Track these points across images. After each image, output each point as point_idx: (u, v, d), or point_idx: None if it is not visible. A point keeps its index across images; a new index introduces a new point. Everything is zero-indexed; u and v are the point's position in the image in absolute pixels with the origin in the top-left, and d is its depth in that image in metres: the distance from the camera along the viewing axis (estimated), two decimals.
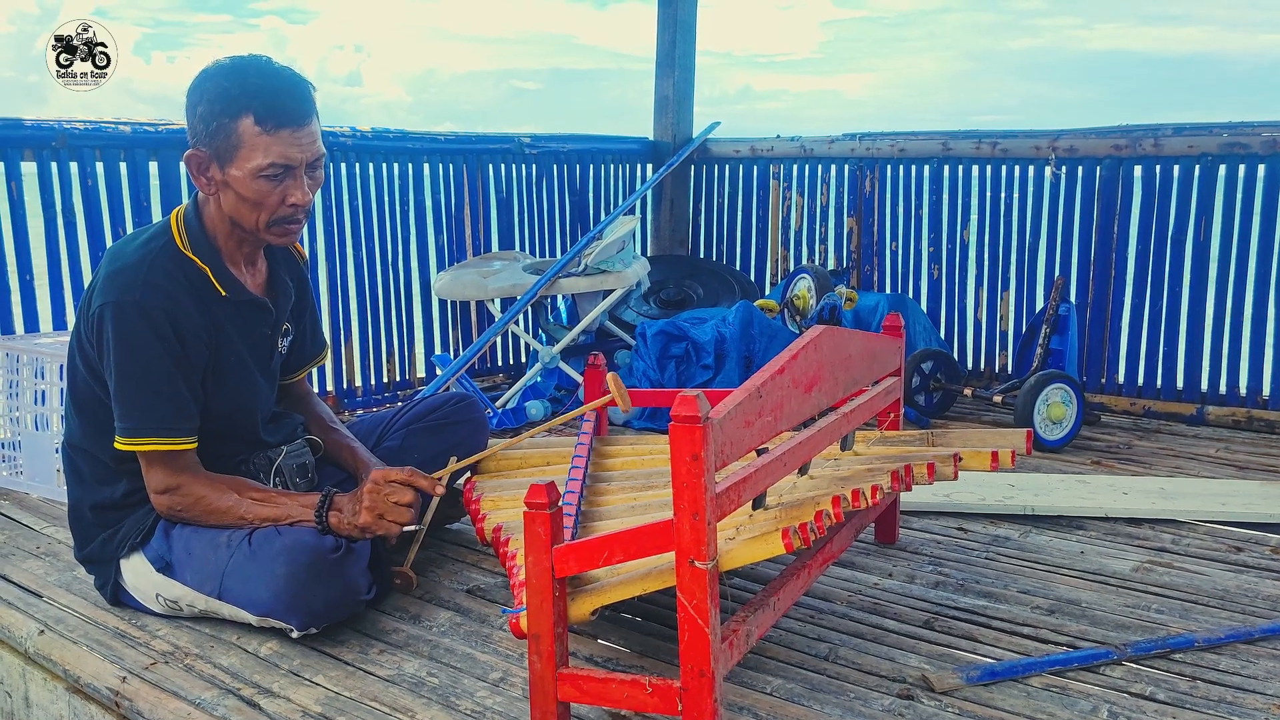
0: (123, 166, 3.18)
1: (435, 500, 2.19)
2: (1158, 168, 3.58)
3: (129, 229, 3.16)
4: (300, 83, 1.87)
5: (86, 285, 1.98)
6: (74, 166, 3.09)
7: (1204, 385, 3.59)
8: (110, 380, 1.86)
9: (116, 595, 2.03)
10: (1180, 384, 3.62)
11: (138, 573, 1.97)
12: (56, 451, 2.66)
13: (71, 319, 3.05)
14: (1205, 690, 1.70)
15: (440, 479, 1.96)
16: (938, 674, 1.73)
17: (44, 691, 1.93)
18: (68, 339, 2.35)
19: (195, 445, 1.90)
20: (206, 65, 1.87)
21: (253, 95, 1.81)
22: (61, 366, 2.57)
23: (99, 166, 3.15)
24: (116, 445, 1.87)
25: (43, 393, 2.74)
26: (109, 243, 3.10)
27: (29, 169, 3.01)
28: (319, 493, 1.93)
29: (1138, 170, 3.61)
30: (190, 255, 1.91)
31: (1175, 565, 2.27)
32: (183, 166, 3.22)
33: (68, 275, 3.11)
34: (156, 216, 3.19)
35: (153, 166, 3.24)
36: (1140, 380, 3.69)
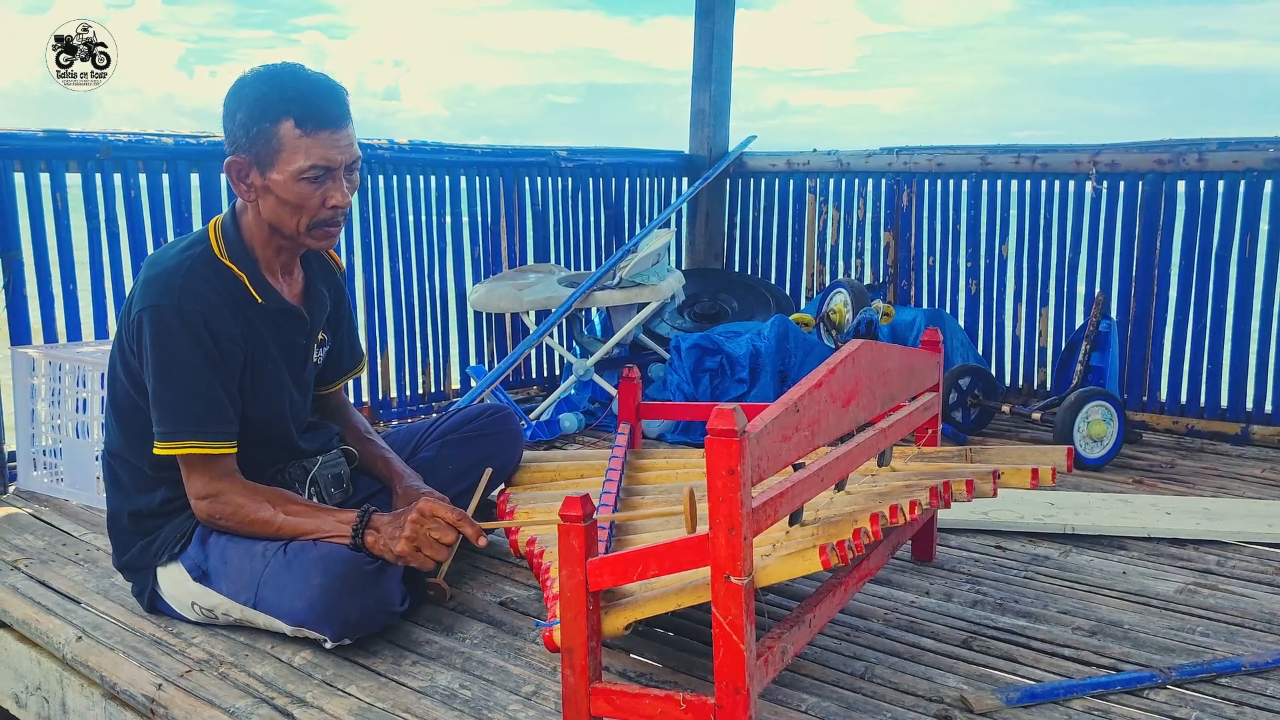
0: (165, 178, 3.22)
1: (471, 508, 2.19)
2: (1202, 183, 3.53)
3: (170, 240, 3.19)
4: (335, 86, 1.89)
5: (127, 295, 2.00)
6: (117, 178, 3.13)
7: (1249, 404, 3.52)
8: (148, 384, 1.88)
9: (153, 603, 2.04)
10: (1224, 402, 3.55)
11: (174, 581, 1.98)
12: (96, 459, 2.70)
13: (113, 328, 3.10)
14: (1253, 716, 1.66)
15: (486, 530, 1.93)
16: (976, 695, 1.70)
17: (80, 697, 1.94)
18: (109, 348, 2.37)
19: (234, 451, 1.91)
20: (242, 74, 1.90)
21: (291, 99, 1.84)
22: (102, 375, 2.60)
23: (142, 178, 3.19)
24: (155, 450, 1.88)
25: (84, 400, 2.78)
26: (150, 253, 3.14)
27: (74, 180, 3.05)
28: (357, 510, 1.92)
29: (1181, 185, 3.56)
30: (227, 263, 1.93)
31: (1220, 587, 2.22)
32: (223, 177, 3.26)
33: (110, 285, 3.15)
34: (197, 227, 3.23)
35: (194, 178, 3.27)
36: (1183, 398, 3.63)
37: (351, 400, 2.39)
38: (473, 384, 3.85)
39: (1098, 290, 3.70)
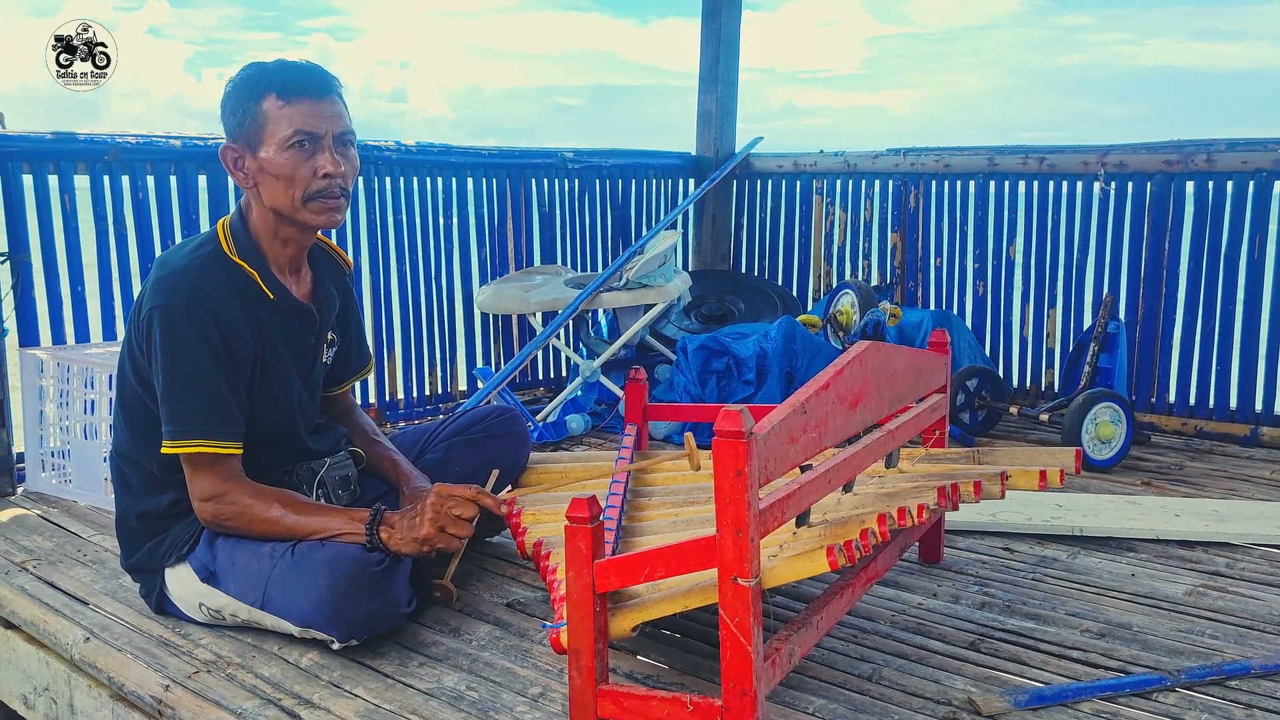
0: (172, 180, 3.23)
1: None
2: (1210, 183, 3.52)
3: (178, 241, 3.20)
4: (319, 67, 1.94)
5: (136, 295, 2.01)
6: (125, 180, 3.14)
7: (1258, 406, 3.50)
8: (158, 384, 1.88)
9: (161, 604, 2.04)
10: (1233, 404, 3.54)
11: (182, 581, 1.98)
12: (104, 460, 2.70)
13: (121, 329, 3.10)
14: (1262, 718, 1.65)
15: (504, 501, 1.96)
16: (984, 697, 1.70)
17: (88, 698, 1.95)
18: (117, 349, 2.37)
19: (240, 451, 1.92)
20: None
21: (272, 75, 1.90)
22: (111, 376, 2.60)
23: (149, 180, 3.19)
24: (163, 449, 1.88)
25: (92, 402, 2.78)
26: (158, 254, 3.15)
27: (82, 182, 3.06)
28: (367, 508, 1.93)
29: (1190, 186, 3.55)
30: (238, 260, 1.94)
31: (1230, 589, 2.21)
32: (230, 179, 3.27)
33: (118, 286, 3.16)
34: (205, 229, 3.23)
35: (201, 180, 3.28)
36: (1192, 400, 3.61)
37: (359, 401, 2.39)
38: (479, 385, 3.85)
39: (1106, 291, 3.69)
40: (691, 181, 4.83)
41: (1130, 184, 3.68)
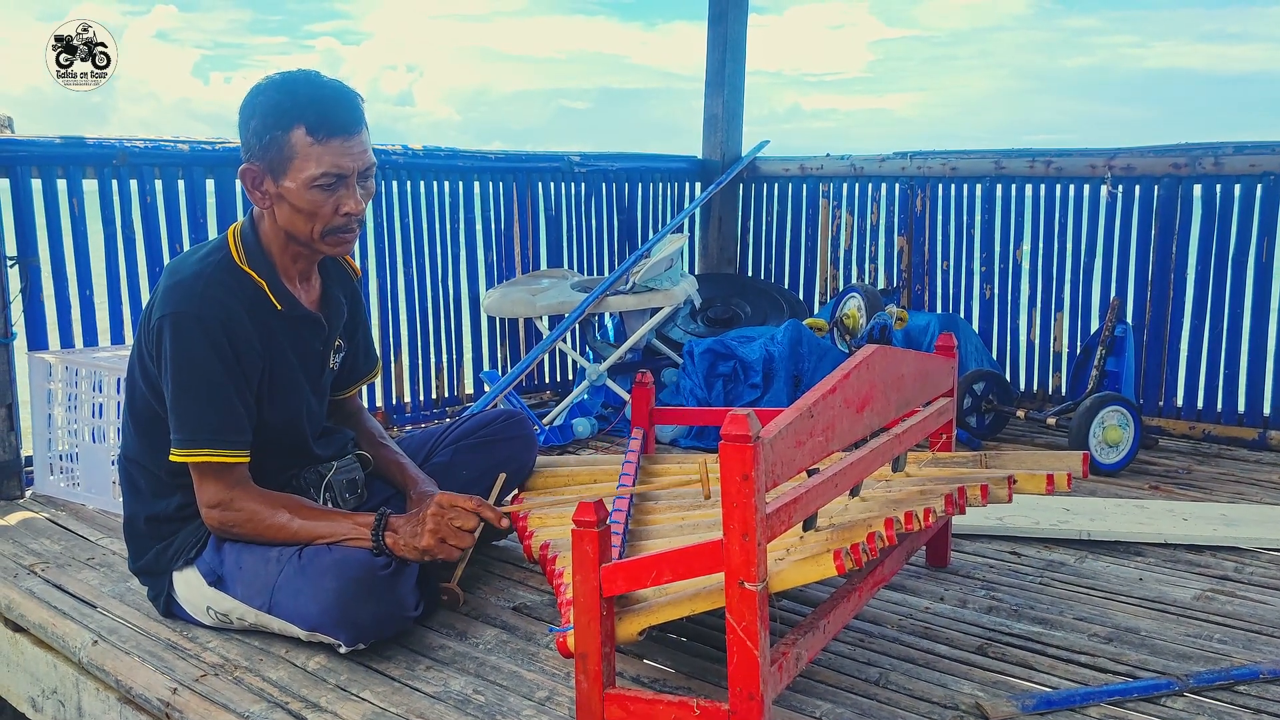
0: (180, 184, 3.24)
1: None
2: (1218, 187, 3.51)
3: (186, 245, 3.21)
4: (349, 94, 1.89)
5: (145, 301, 2.01)
6: (134, 184, 3.15)
7: (1266, 410, 3.50)
8: (167, 392, 1.89)
9: (169, 607, 2.05)
10: (1242, 408, 3.53)
11: (190, 585, 1.99)
12: (112, 464, 2.71)
13: (129, 333, 3.11)
14: None
15: (505, 513, 1.96)
16: (992, 702, 1.69)
17: (96, 701, 1.95)
18: (125, 353, 2.38)
19: (248, 460, 1.92)
20: (258, 81, 1.91)
21: (304, 106, 1.84)
22: (119, 380, 2.61)
23: (158, 184, 3.20)
24: (171, 457, 1.89)
25: (100, 406, 2.79)
26: (166, 258, 3.16)
27: (90, 186, 3.07)
28: (373, 513, 1.93)
29: (1197, 189, 3.54)
30: (247, 269, 1.94)
31: (1238, 594, 2.20)
32: (238, 183, 3.28)
33: (126, 290, 3.17)
34: (213, 233, 3.25)
35: (209, 184, 3.29)
36: (1200, 404, 3.60)
37: (366, 405, 2.39)
38: (486, 389, 3.85)
39: (1113, 295, 3.68)
40: (698, 185, 4.83)
41: (1137, 187, 3.67)
